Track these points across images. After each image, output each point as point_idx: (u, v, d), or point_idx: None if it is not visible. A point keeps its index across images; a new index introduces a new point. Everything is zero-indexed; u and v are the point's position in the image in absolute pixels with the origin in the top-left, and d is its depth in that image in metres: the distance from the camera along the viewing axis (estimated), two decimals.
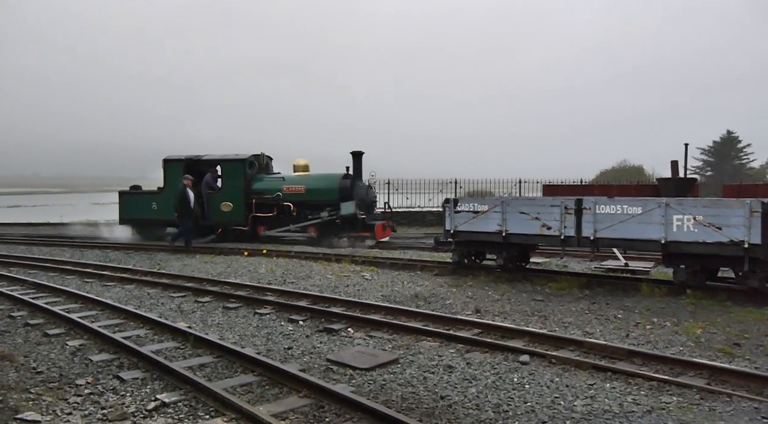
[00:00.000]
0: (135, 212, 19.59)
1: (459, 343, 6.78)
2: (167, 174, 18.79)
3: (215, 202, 18.22)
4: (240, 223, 17.94)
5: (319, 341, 7.02)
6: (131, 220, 19.91)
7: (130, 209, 19.72)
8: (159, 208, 18.66)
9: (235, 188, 17.99)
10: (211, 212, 18.29)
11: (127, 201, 19.84)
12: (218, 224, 18.37)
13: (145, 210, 19.18)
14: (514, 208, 10.51)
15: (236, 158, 18.23)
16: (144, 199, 19.47)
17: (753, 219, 8.32)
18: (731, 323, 7.52)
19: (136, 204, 19.60)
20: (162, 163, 19.06)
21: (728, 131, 55.30)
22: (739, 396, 4.97)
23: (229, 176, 18.30)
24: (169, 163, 18.85)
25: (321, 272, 12.05)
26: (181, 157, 18.80)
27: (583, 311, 8.30)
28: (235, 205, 17.97)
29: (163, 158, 19.11)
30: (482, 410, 4.76)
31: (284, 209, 17.59)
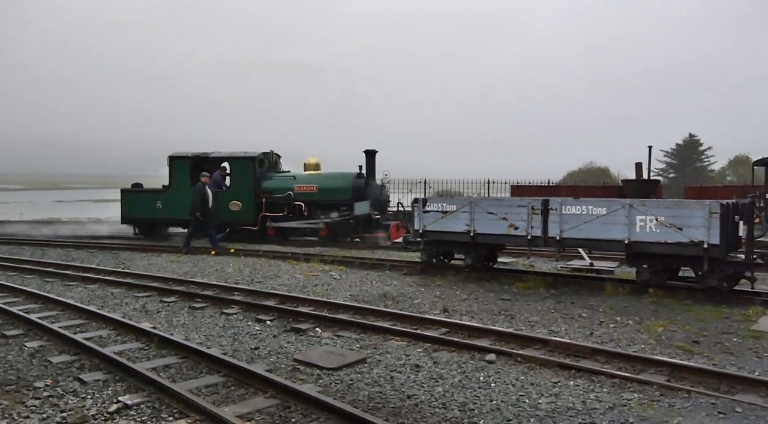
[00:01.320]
0: (138, 211, 18.76)
1: (426, 342, 6.81)
2: (173, 172, 18.07)
3: (223, 201, 17.47)
4: (249, 222, 17.39)
5: (287, 341, 6.97)
6: (134, 219, 19.11)
7: (133, 208, 18.87)
8: (164, 206, 17.98)
9: (244, 187, 17.43)
10: (219, 211, 17.44)
11: (130, 199, 18.98)
12: (226, 224, 17.71)
13: (150, 209, 18.40)
14: (482, 209, 10.60)
15: (246, 156, 17.62)
16: (148, 197, 18.65)
17: (712, 220, 8.56)
18: (691, 321, 7.71)
19: (139, 203, 18.77)
20: (167, 160, 18.28)
21: (690, 134, 56.76)
22: (698, 392, 5.10)
23: (239, 174, 17.71)
24: (175, 160, 18.14)
25: (289, 271, 11.97)
26: (187, 155, 18.17)
27: (549, 310, 8.41)
28: (244, 204, 17.41)
29: (169, 155, 18.33)
30: (448, 408, 4.78)
31: (295, 209, 17.12)
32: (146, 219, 18.85)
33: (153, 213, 18.38)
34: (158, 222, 18.85)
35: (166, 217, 18.12)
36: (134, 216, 19.01)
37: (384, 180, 17.66)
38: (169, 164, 18.25)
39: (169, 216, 17.91)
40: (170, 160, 18.25)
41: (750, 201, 9.15)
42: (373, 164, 16.85)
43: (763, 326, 7.43)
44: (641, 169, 23.64)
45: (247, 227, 17.48)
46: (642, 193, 20.62)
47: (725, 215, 8.61)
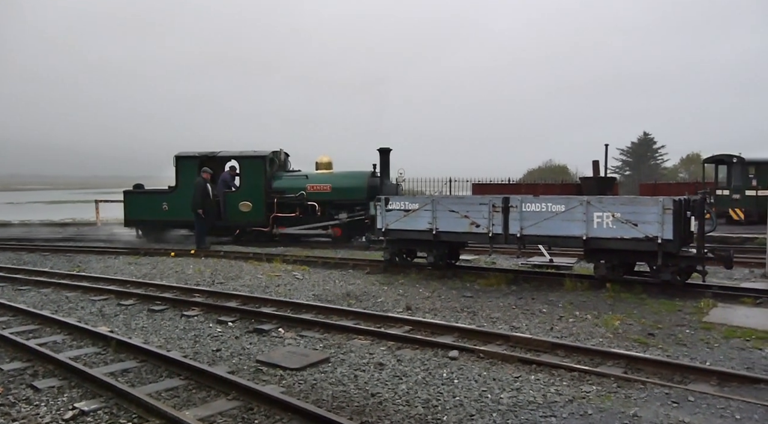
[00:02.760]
0: (143, 212, 17.97)
1: (390, 340, 6.83)
2: (180, 172, 17.42)
3: (233, 201, 16.98)
4: (260, 223, 16.88)
5: (249, 342, 6.89)
6: (139, 221, 18.30)
7: (137, 210, 18.07)
8: (171, 208, 17.29)
9: (254, 187, 16.88)
10: (228, 212, 17.04)
11: (134, 201, 18.21)
12: (236, 225, 17.26)
13: (155, 210, 17.65)
14: (444, 207, 10.69)
15: (256, 155, 17.08)
16: (153, 198, 17.91)
17: (666, 216, 8.82)
18: (646, 314, 7.93)
19: (144, 204, 17.99)
20: (174, 160, 17.61)
21: (645, 133, 58.33)
22: (653, 383, 5.25)
23: (249, 174, 17.12)
24: (183, 160, 17.47)
25: (251, 271, 11.84)
26: (195, 154, 17.56)
27: (511, 306, 8.54)
28: (254, 204, 16.87)
29: (175, 155, 17.67)
30: (412, 405, 4.81)
31: (308, 209, 16.60)
32: (152, 221, 18.01)
33: (159, 215, 17.60)
34: (165, 224, 18.08)
35: (174, 218, 17.40)
36: (139, 218, 18.16)
37: (399, 179, 17.38)
38: (175, 164, 17.53)
39: (176, 218, 17.19)
40: (176, 160, 17.54)
41: (701, 197, 9.46)
42: (387, 162, 16.28)
43: (713, 317, 7.71)
44: (598, 167, 24.19)
45: (258, 228, 16.98)
46: (599, 191, 21.09)
47: (678, 211, 8.89)
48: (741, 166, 22.56)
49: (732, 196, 22.61)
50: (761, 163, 22.18)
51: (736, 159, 22.78)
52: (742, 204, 22.05)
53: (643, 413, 4.58)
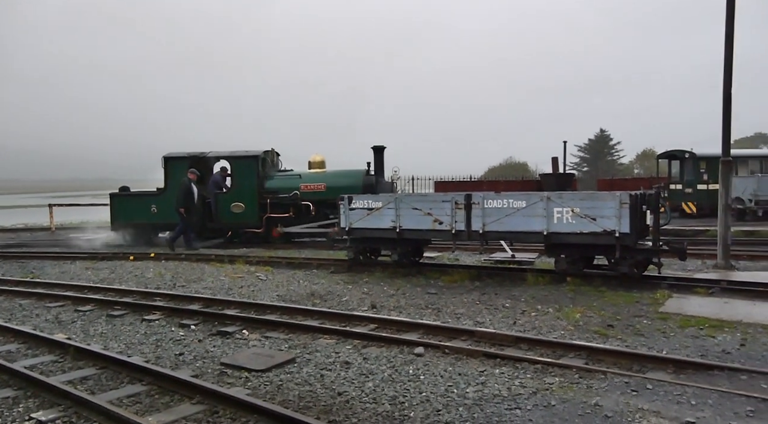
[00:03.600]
0: (131, 215, 17.40)
1: (355, 339, 6.83)
2: (169, 173, 16.89)
3: (225, 203, 16.60)
4: (253, 225, 16.49)
5: (213, 345, 6.80)
6: (126, 224, 17.66)
7: (124, 213, 17.47)
8: (160, 210, 16.77)
9: (247, 187, 16.48)
10: (220, 213, 16.64)
11: (121, 204, 17.59)
12: (228, 227, 16.86)
13: (143, 213, 17.14)
14: (407, 205, 10.74)
15: (248, 155, 16.67)
16: (141, 201, 17.36)
17: (622, 210, 9.05)
18: (605, 306, 8.13)
19: (131, 207, 17.42)
20: (162, 161, 17.06)
21: (601, 130, 59.76)
22: (613, 373, 5.38)
23: (241, 175, 16.71)
24: (172, 161, 16.96)
25: (214, 274, 11.67)
26: (184, 155, 17.08)
27: (474, 302, 8.63)
28: (247, 205, 16.49)
29: (164, 156, 17.13)
30: (379, 403, 4.82)
31: (302, 209, 16.27)
32: (140, 224, 17.45)
33: (147, 218, 17.12)
34: (154, 227, 17.57)
35: (163, 221, 16.88)
36: (126, 221, 17.59)
37: (394, 177, 17.13)
38: (164, 165, 17.02)
39: (165, 220, 16.66)
40: (165, 161, 17.02)
41: (655, 192, 9.74)
42: (381, 161, 16.17)
43: (669, 308, 7.95)
44: (557, 163, 24.68)
45: (251, 229, 16.64)
46: (558, 187, 21.54)
47: (634, 206, 9.13)
48: (692, 161, 23.31)
49: (685, 191, 23.36)
50: (712, 158, 22.96)
51: (688, 154, 23.53)
52: (694, 198, 22.80)
53: (604, 402, 4.69)
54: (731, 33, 10.85)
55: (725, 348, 6.11)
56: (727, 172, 11.18)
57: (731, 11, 10.82)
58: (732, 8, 10.81)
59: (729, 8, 10.82)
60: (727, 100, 11.00)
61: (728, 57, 10.90)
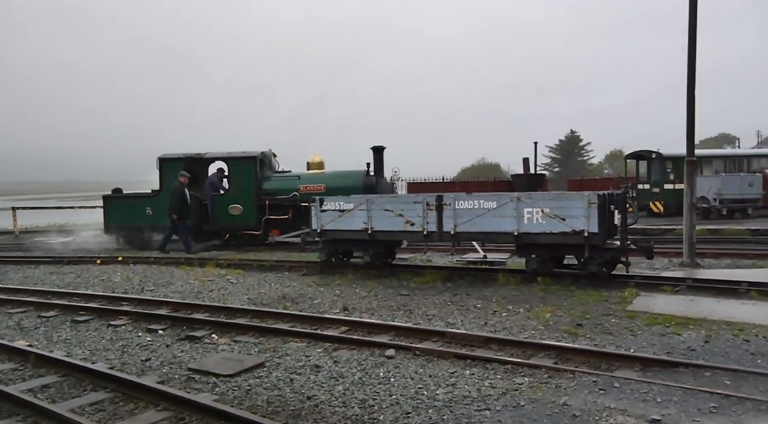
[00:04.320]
0: (125, 218, 16.94)
1: (326, 342, 6.78)
2: (164, 175, 16.47)
3: (222, 204, 16.29)
4: (251, 227, 16.19)
5: (181, 350, 6.68)
6: (120, 227, 17.20)
7: (118, 215, 17.03)
8: (155, 213, 16.34)
9: (245, 189, 16.13)
10: (217, 215, 16.31)
11: (115, 206, 17.11)
12: (226, 229, 16.50)
13: (138, 216, 16.68)
14: (378, 206, 10.71)
15: (246, 155, 16.32)
16: (136, 203, 16.91)
17: (591, 210, 9.16)
18: (575, 305, 8.21)
19: (126, 209, 16.96)
20: (157, 162, 16.63)
21: (571, 131, 60.58)
22: (581, 372, 5.43)
23: (239, 176, 16.32)
24: (167, 162, 16.53)
25: (183, 277, 11.49)
26: (179, 156, 16.68)
27: (446, 303, 8.65)
28: (245, 207, 16.16)
29: (159, 157, 16.71)
30: (348, 406, 4.78)
31: (301, 211, 15.75)
32: (134, 227, 17.00)
33: (142, 220, 16.69)
34: (149, 230, 17.11)
35: (158, 224, 16.44)
36: (120, 224, 17.15)
37: (394, 177, 16.87)
38: (159, 167, 16.61)
39: (161, 223, 16.23)
40: (160, 162, 16.61)
41: (623, 192, 9.88)
42: (381, 161, 15.91)
43: (636, 306, 8.07)
44: (528, 164, 24.99)
45: (249, 231, 16.32)
46: (529, 187, 21.80)
47: (602, 205, 9.25)
48: (659, 161, 23.77)
49: (652, 190, 23.81)
50: (677, 159, 23.45)
51: (655, 155, 23.99)
52: (661, 197, 23.25)
53: (572, 402, 4.72)
54: (693, 38, 11.07)
55: (690, 345, 6.22)
56: (692, 172, 11.41)
57: (693, 16, 11.04)
58: (694, 13, 11.02)
59: (691, 13, 11.03)
60: (691, 102, 11.22)
61: (691, 61, 11.12)
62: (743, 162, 26.43)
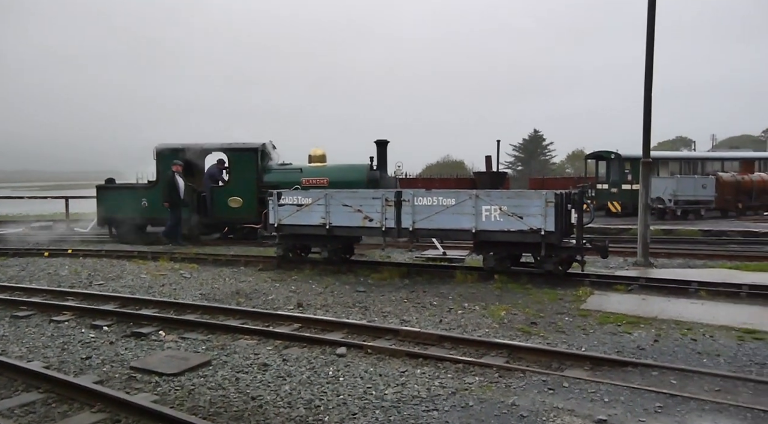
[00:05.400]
0: (120, 209, 16.20)
1: (277, 339, 6.62)
2: (161, 165, 15.82)
3: (221, 196, 15.70)
4: (251, 220, 15.49)
5: (125, 348, 6.43)
6: (114, 219, 16.44)
7: (112, 207, 16.29)
8: (151, 204, 15.69)
9: (245, 181, 15.52)
10: (216, 208, 15.74)
11: (109, 197, 16.38)
12: (225, 222, 15.92)
13: (133, 208, 16.00)
14: (337, 201, 10.57)
15: (247, 147, 15.75)
16: (131, 194, 16.22)
17: (548, 209, 9.20)
18: (530, 303, 8.23)
19: (120, 201, 16.21)
20: (154, 152, 15.96)
21: (535, 130, 61.37)
22: (531, 371, 5.41)
23: (239, 168, 15.72)
24: (165, 152, 15.89)
25: (134, 271, 11.14)
26: (178, 146, 16.04)
27: (402, 300, 8.57)
28: (245, 200, 15.54)
29: (156, 147, 16.04)
30: (294, 407, 4.65)
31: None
32: (129, 219, 16.28)
33: (138, 212, 16.03)
34: (144, 222, 16.47)
35: (154, 216, 15.85)
36: (114, 216, 16.41)
37: (397, 172, 16.50)
38: (156, 157, 15.99)
39: (157, 215, 15.65)
40: (158, 153, 16.00)
41: (580, 191, 9.96)
42: (384, 155, 15.53)
43: (590, 305, 8.13)
44: (491, 162, 25.18)
45: (249, 224, 15.71)
46: (491, 185, 21.95)
47: (559, 204, 9.30)
48: (618, 162, 24.19)
49: (610, 190, 24.23)
50: (635, 160, 23.89)
51: (614, 155, 24.40)
52: (619, 197, 23.66)
53: (521, 402, 4.69)
54: (651, 46, 11.22)
55: (640, 344, 6.27)
56: (647, 173, 11.58)
57: (652, 25, 11.18)
58: (652, 23, 11.17)
59: (650, 23, 11.18)
60: (647, 106, 11.38)
61: (649, 67, 11.27)
62: (698, 165, 27.15)
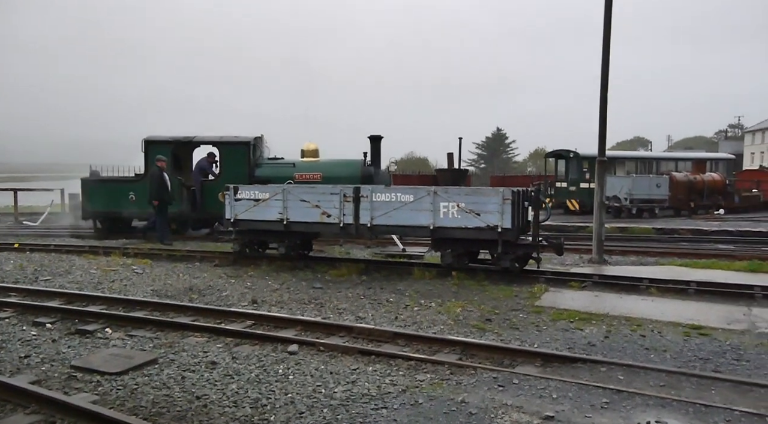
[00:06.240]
0: (106, 203, 15.49)
1: (228, 336, 6.48)
2: (150, 158, 15.11)
3: (212, 191, 15.10)
4: None
5: (68, 346, 6.19)
6: (100, 213, 15.74)
7: (98, 201, 15.60)
8: (139, 198, 15.03)
9: (237, 175, 14.94)
10: (206, 202, 15.20)
11: (95, 190, 15.70)
12: (215, 217, 15.20)
13: (120, 202, 15.35)
14: (295, 196, 10.43)
15: (239, 140, 15.28)
16: (118, 188, 15.57)
17: (505, 206, 9.25)
18: (486, 300, 8.26)
19: (107, 194, 15.57)
20: (143, 144, 15.33)
21: (498, 128, 62.05)
22: (482, 368, 5.41)
23: (231, 161, 15.28)
24: (154, 145, 15.26)
25: (84, 266, 10.79)
26: (168, 139, 15.42)
27: (359, 297, 8.50)
28: None
29: (145, 139, 15.40)
30: (239, 406, 4.53)
31: None
32: (115, 213, 15.65)
33: (124, 206, 15.41)
34: (131, 217, 15.90)
35: (142, 210, 15.21)
36: (100, 210, 15.71)
37: (390, 168, 16.17)
38: (144, 150, 15.39)
39: (145, 209, 15.00)
40: (146, 145, 15.37)
41: (536, 189, 10.06)
42: (378, 150, 15.25)
43: (544, 301, 8.21)
44: (452, 159, 25.29)
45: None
46: (453, 182, 22.04)
47: (516, 202, 9.37)
48: (576, 160, 24.62)
49: (569, 188, 24.63)
50: (594, 158, 24.35)
51: (573, 154, 24.82)
52: (577, 195, 24.08)
53: (470, 399, 4.67)
54: (608, 46, 11.39)
55: (591, 341, 6.35)
56: (603, 172, 11.79)
57: (608, 28, 11.35)
58: (608, 26, 11.34)
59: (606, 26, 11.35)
60: (603, 106, 11.57)
61: (605, 66, 11.44)
62: (653, 164, 27.84)
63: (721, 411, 4.43)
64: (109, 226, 16.07)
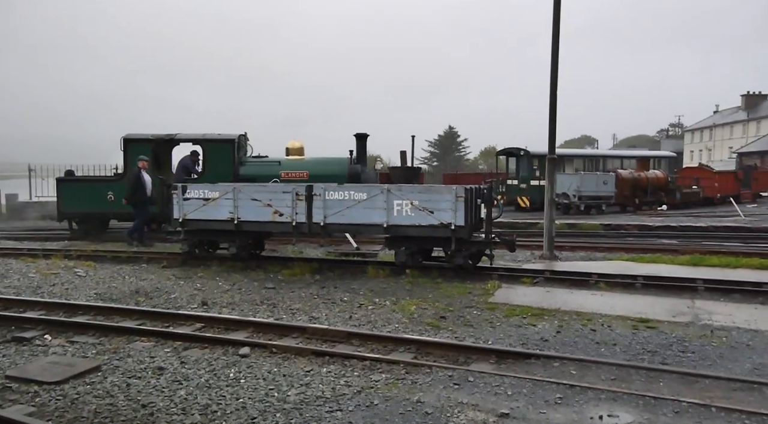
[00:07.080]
0: (83, 203, 14.73)
1: (177, 340, 6.26)
2: (129, 157, 14.44)
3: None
4: None
5: (2, 355, 5.86)
6: (77, 214, 14.97)
7: (75, 201, 14.84)
8: (118, 198, 14.28)
9: (221, 174, 14.32)
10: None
11: (71, 190, 14.87)
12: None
13: (98, 202, 14.62)
14: (246, 195, 10.21)
15: (223, 138, 14.67)
16: (96, 187, 14.80)
17: (458, 203, 9.29)
18: (440, 298, 8.27)
19: (83, 194, 14.78)
20: (122, 143, 14.56)
21: (450, 126, 62.66)
22: (438, 366, 5.38)
23: (214, 160, 14.73)
24: (133, 143, 14.52)
25: (22, 270, 10.27)
26: (148, 137, 14.66)
27: (313, 296, 8.38)
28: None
29: (124, 137, 14.63)
30: (188, 413, 4.36)
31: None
32: (93, 214, 14.93)
33: (102, 206, 14.69)
34: (110, 217, 15.18)
35: (121, 211, 14.52)
36: (76, 210, 14.94)
37: (377, 166, 15.69)
38: (123, 148, 14.69)
39: (124, 210, 14.31)
40: (125, 143, 14.68)
41: (488, 186, 10.14)
42: (364, 148, 15.05)
43: (498, 298, 8.28)
44: (405, 157, 25.31)
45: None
46: (406, 180, 22.05)
47: (469, 199, 9.41)
48: (527, 158, 25.05)
49: (520, 186, 25.05)
50: (543, 156, 24.79)
51: (523, 152, 25.25)
52: (528, 193, 24.51)
53: (426, 398, 4.63)
54: (557, 47, 11.60)
55: (544, 336, 6.42)
56: (552, 169, 11.99)
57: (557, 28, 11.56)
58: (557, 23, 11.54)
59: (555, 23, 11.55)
60: (553, 103, 11.77)
61: (554, 65, 11.65)
62: (600, 162, 28.59)
63: (669, 403, 4.53)
64: (87, 227, 15.42)
